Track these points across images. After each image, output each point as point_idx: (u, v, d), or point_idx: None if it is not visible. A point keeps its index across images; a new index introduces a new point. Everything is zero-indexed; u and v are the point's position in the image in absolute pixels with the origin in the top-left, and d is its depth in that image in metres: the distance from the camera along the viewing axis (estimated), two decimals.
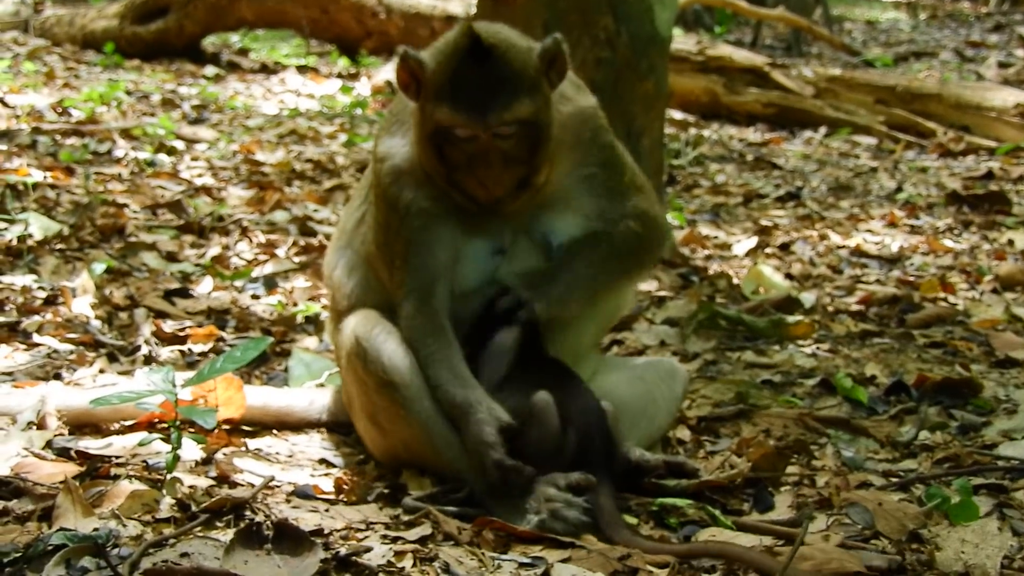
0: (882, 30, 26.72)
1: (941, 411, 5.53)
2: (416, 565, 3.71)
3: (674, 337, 6.55)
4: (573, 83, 4.73)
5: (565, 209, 4.61)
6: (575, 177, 4.62)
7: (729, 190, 11.48)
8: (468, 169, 4.34)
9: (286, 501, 4.17)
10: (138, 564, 3.46)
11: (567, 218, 4.60)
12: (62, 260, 7.18)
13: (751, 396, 5.56)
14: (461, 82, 4.27)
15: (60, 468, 4.20)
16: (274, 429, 4.99)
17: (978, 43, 22.72)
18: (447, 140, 4.33)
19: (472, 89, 4.26)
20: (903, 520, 4.14)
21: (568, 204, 4.61)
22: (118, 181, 9.60)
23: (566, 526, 4.01)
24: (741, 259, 8.84)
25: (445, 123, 4.30)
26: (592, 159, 4.66)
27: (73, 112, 12.62)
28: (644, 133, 7.86)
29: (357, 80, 17.34)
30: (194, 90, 15.42)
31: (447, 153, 4.35)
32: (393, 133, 4.65)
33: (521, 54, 4.32)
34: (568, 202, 4.61)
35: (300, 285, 7.22)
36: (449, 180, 4.40)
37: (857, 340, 6.63)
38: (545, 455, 4.18)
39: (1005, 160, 13.05)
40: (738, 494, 4.54)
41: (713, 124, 15.00)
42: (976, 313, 7.34)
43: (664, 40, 7.98)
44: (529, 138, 4.33)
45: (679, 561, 3.82)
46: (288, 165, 10.99)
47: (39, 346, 5.76)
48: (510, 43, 4.34)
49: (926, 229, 10.05)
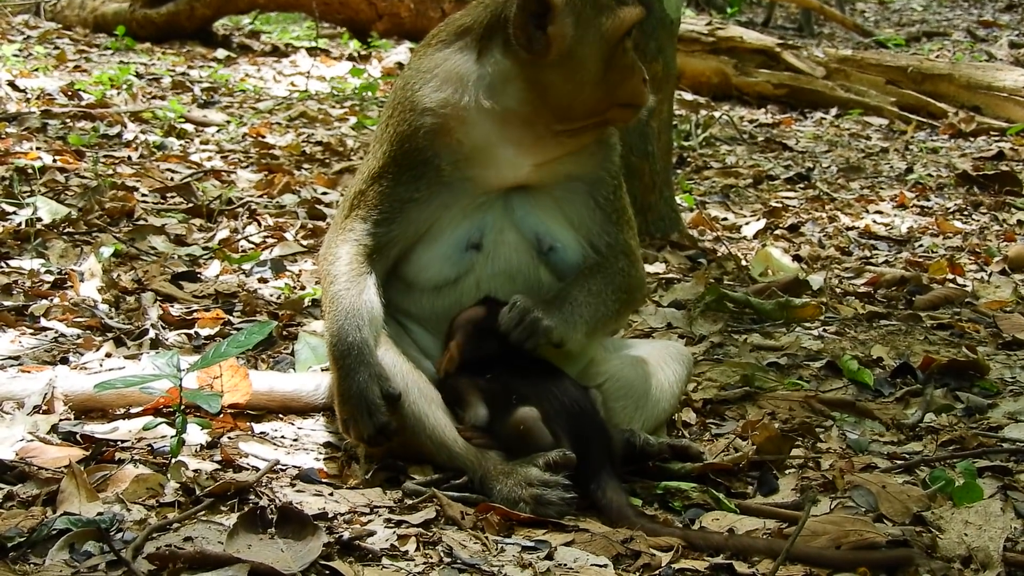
0: (894, 10, 26.65)
1: (947, 393, 5.53)
2: (419, 549, 3.72)
3: (681, 319, 6.54)
4: None
5: (556, 211, 4.61)
6: (589, 175, 4.65)
7: (739, 171, 11.45)
8: (632, 68, 4.41)
9: (290, 485, 4.17)
10: (141, 548, 3.48)
11: (559, 221, 4.60)
12: (70, 244, 7.19)
13: (757, 379, 5.56)
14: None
15: (65, 452, 4.22)
16: (280, 414, 4.99)
17: (990, 23, 22.66)
18: (625, 38, 4.37)
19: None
20: (907, 502, 4.15)
21: (559, 206, 4.62)
22: (127, 164, 9.60)
23: (553, 508, 4.03)
24: (750, 241, 8.82)
25: (635, 20, 4.37)
26: (607, 166, 4.69)
27: (83, 95, 12.61)
28: (653, 115, 7.85)
29: (368, 63, 17.31)
30: (205, 73, 15.40)
31: (616, 62, 4.37)
32: (440, 87, 4.51)
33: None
34: (559, 204, 4.62)
35: (308, 268, 7.22)
36: (609, 97, 4.42)
37: (864, 322, 6.61)
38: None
39: (1016, 140, 13.00)
40: (742, 477, 4.55)
41: (724, 105, 14.95)
42: (984, 294, 7.33)
43: (673, 22, 7.97)
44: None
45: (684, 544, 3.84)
46: (298, 148, 10.98)
47: (46, 330, 5.77)
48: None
49: (936, 210, 10.03)
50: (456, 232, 4.52)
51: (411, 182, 4.49)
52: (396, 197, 4.50)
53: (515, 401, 4.27)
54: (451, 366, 4.45)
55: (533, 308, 4.34)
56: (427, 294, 4.57)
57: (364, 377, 4.25)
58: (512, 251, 4.53)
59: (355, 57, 17.82)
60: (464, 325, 4.46)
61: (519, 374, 4.37)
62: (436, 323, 4.60)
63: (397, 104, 4.55)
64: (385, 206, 4.52)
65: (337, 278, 4.44)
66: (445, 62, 4.50)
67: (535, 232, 4.55)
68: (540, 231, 4.56)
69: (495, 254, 4.52)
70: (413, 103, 4.48)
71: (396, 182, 4.51)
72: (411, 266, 4.58)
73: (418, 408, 4.32)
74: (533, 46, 4.28)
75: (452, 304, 4.54)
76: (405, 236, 4.53)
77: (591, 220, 4.64)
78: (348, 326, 4.32)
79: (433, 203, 4.50)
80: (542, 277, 4.57)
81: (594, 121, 4.50)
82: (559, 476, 4.10)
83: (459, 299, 4.53)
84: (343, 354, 4.29)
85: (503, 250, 4.53)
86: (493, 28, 4.41)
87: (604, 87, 4.39)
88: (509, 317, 4.34)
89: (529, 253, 4.55)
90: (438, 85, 4.46)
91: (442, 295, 4.55)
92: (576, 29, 4.29)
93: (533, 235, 4.55)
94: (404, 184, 4.50)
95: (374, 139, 4.71)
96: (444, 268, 4.53)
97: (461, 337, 4.45)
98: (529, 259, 4.55)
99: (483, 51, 4.43)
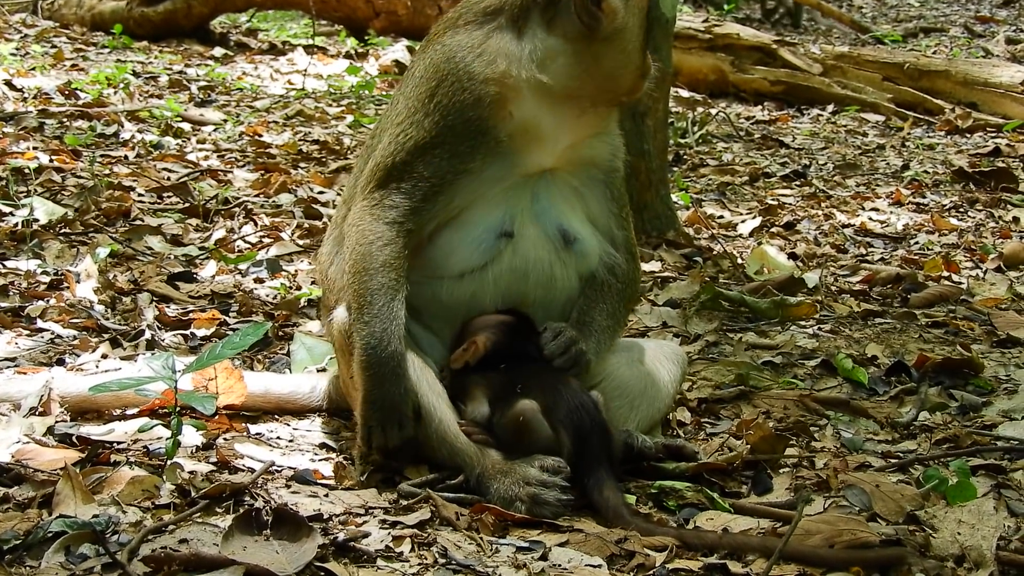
0: (891, 6, 26.61)
1: (941, 392, 5.54)
2: (415, 550, 3.74)
3: (676, 318, 6.54)
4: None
5: (577, 203, 4.65)
6: (603, 166, 4.72)
7: (735, 169, 11.45)
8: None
9: (286, 486, 4.18)
10: (137, 551, 3.50)
11: (579, 215, 4.64)
12: (67, 244, 7.20)
13: (752, 378, 5.57)
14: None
15: (61, 454, 4.22)
16: (276, 415, 5.00)
17: (987, 18, 22.65)
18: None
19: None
20: (900, 501, 4.16)
21: (580, 198, 4.66)
22: (124, 164, 9.60)
23: (549, 509, 4.05)
24: (746, 239, 8.82)
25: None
26: (618, 158, 4.77)
27: (80, 94, 12.62)
28: (648, 113, 7.86)
29: (365, 60, 17.31)
30: (202, 71, 15.41)
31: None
32: (491, 32, 4.54)
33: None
34: (580, 196, 4.66)
35: (304, 268, 7.23)
36: (641, 67, 4.53)
37: (859, 320, 6.62)
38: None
39: (1012, 136, 13.00)
40: (737, 476, 4.56)
41: (721, 102, 14.93)
42: (980, 292, 7.34)
43: (668, 20, 7.97)
44: None
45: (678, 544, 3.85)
46: (295, 147, 10.98)
47: (43, 331, 5.78)
48: None
49: (932, 207, 10.03)
50: (489, 218, 4.51)
51: (468, 152, 4.44)
52: (450, 168, 4.44)
53: (519, 391, 4.30)
54: (473, 359, 4.46)
55: (578, 339, 4.45)
56: (446, 282, 4.53)
57: (400, 390, 4.27)
58: (530, 245, 4.53)
59: (352, 55, 17.81)
60: (495, 325, 4.48)
61: (524, 370, 4.41)
62: (444, 316, 4.60)
63: (446, 75, 4.48)
64: (436, 178, 4.45)
65: (379, 268, 4.37)
66: (488, 39, 4.50)
67: (558, 224, 4.57)
68: (563, 223, 4.58)
69: (519, 246, 4.52)
70: (471, 73, 4.44)
71: (452, 152, 4.44)
72: (437, 250, 4.53)
73: (427, 401, 4.34)
74: (592, 22, 4.35)
75: (469, 296, 4.52)
76: (447, 212, 4.49)
77: (607, 213, 4.72)
78: (392, 332, 4.30)
79: (484, 176, 4.49)
80: (556, 272, 4.58)
81: (628, 93, 4.65)
82: (557, 477, 4.12)
83: (478, 290, 4.51)
84: (382, 361, 4.28)
85: (523, 243, 4.53)
86: (527, 8, 4.46)
87: (640, 57, 4.51)
88: (556, 344, 4.43)
89: (547, 247, 4.55)
90: (491, 59, 4.45)
91: (463, 284, 4.52)
92: (625, 2, 4.37)
93: (555, 227, 4.57)
94: (460, 155, 4.44)
95: (403, 114, 4.58)
96: (474, 254, 4.49)
97: (491, 335, 4.46)
98: (546, 253, 4.55)
99: (523, 30, 4.46)
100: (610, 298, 4.68)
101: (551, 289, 4.58)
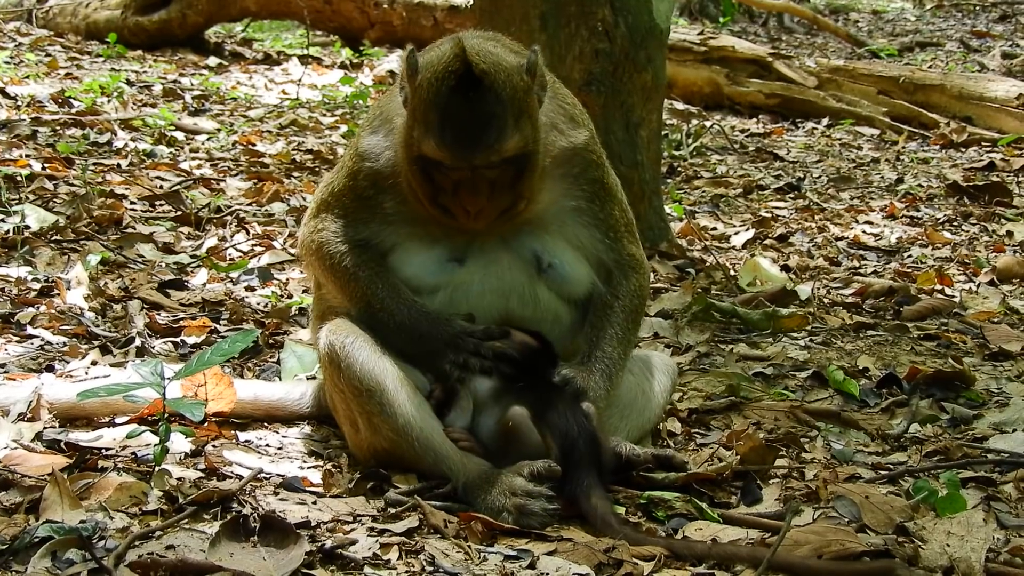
0: (888, 20, 26.66)
1: (932, 404, 5.54)
2: (402, 557, 3.73)
3: (668, 329, 6.54)
4: (568, 115, 4.73)
5: (554, 233, 4.62)
6: (561, 207, 4.65)
7: (729, 181, 11.45)
8: (453, 195, 4.32)
9: (274, 493, 4.18)
10: (123, 556, 3.49)
11: (557, 241, 4.62)
12: (58, 252, 7.19)
13: (742, 389, 5.56)
14: (449, 115, 4.20)
15: (49, 460, 4.21)
16: (265, 422, 4.99)
17: (983, 33, 22.66)
18: (432, 167, 4.30)
19: (460, 124, 4.20)
20: (890, 513, 4.16)
21: (555, 230, 4.63)
22: (116, 172, 9.59)
23: (536, 519, 4.05)
24: (739, 251, 8.82)
25: (431, 156, 4.26)
26: (580, 192, 4.69)
27: (74, 102, 12.62)
28: (642, 124, 7.85)
29: (360, 71, 17.32)
30: (196, 80, 15.41)
31: (432, 175, 4.33)
32: (376, 130, 4.64)
33: (512, 77, 4.24)
34: (554, 228, 4.63)
35: (295, 277, 7.22)
36: (433, 201, 4.38)
37: (851, 332, 6.62)
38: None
39: (1007, 151, 13.00)
40: (726, 487, 4.56)
41: (716, 115, 14.94)
42: (972, 305, 7.33)
43: (662, 31, 7.97)
44: (517, 169, 4.31)
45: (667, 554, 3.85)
46: (288, 156, 10.99)
47: (33, 338, 5.77)
48: (500, 65, 4.24)
49: (925, 220, 10.03)
50: (436, 246, 4.56)
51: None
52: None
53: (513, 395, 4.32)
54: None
55: (586, 389, 4.43)
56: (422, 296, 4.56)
57: (447, 325, 4.45)
58: (505, 270, 4.53)
59: (347, 65, 17.83)
60: (517, 343, 4.48)
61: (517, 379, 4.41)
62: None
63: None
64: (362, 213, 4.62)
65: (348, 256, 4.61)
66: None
67: (532, 250, 4.57)
68: (537, 249, 4.57)
69: (486, 272, 4.52)
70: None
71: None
72: (398, 265, 4.61)
73: (406, 410, 4.32)
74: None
75: (439, 309, 4.54)
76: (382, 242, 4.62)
77: (591, 237, 4.69)
78: (404, 297, 4.51)
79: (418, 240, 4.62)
80: (540, 295, 4.58)
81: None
82: (543, 487, 4.11)
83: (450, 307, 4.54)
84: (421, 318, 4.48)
85: (494, 268, 4.52)
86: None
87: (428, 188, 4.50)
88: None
89: (525, 271, 4.55)
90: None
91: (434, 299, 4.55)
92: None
93: (530, 253, 4.56)
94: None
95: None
96: (424, 276, 4.55)
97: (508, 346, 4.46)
98: (525, 278, 4.55)
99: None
100: (616, 320, 4.67)
101: (536, 309, 4.58)
